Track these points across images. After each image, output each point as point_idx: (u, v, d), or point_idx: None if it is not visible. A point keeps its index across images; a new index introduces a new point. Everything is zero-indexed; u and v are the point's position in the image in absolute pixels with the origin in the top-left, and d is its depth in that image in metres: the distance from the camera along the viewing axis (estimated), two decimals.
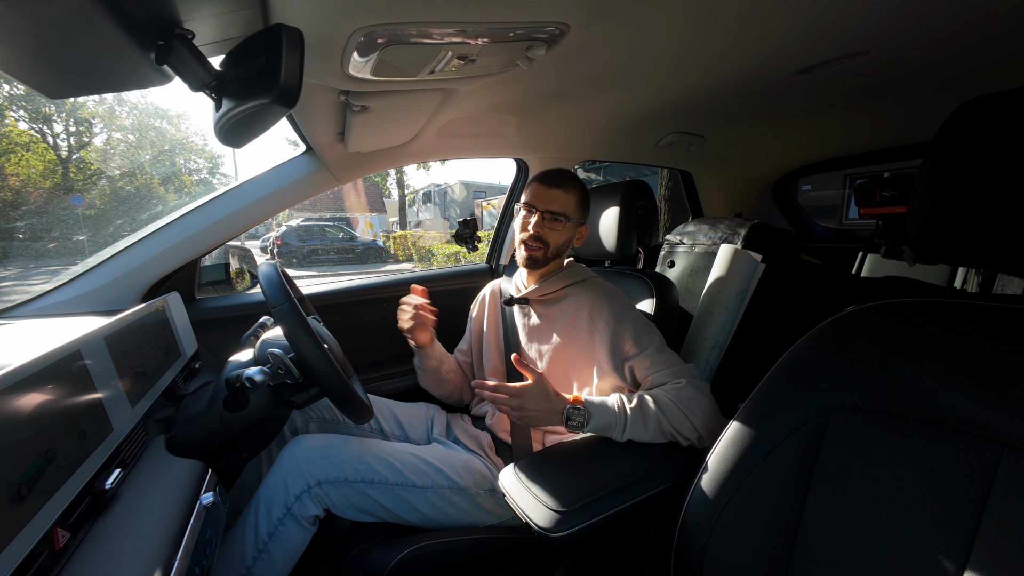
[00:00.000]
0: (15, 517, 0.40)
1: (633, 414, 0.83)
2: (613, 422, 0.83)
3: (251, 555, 0.81)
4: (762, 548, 0.59)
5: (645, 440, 0.83)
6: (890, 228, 1.36)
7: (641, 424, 0.82)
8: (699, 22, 0.73)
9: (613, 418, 0.83)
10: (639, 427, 0.82)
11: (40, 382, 0.47)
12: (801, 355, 0.63)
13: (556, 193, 1.00)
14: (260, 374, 0.72)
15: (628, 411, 0.83)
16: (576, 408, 0.83)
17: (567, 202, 1.00)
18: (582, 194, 1.04)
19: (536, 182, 1.03)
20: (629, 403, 0.84)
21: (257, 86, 0.53)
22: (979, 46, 0.83)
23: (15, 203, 14.30)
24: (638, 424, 0.82)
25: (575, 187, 1.02)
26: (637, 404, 0.84)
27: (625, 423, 0.82)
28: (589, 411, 0.83)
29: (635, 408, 0.83)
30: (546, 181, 1.01)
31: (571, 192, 1.01)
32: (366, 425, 1.12)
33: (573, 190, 1.02)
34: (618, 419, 0.83)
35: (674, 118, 1.33)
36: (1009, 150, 0.47)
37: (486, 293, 1.24)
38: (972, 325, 0.52)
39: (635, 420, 0.82)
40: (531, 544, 0.92)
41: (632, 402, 0.85)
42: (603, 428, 0.83)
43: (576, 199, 1.02)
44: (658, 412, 0.83)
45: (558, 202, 1.00)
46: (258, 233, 18.87)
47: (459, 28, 0.63)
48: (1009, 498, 0.44)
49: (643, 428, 0.82)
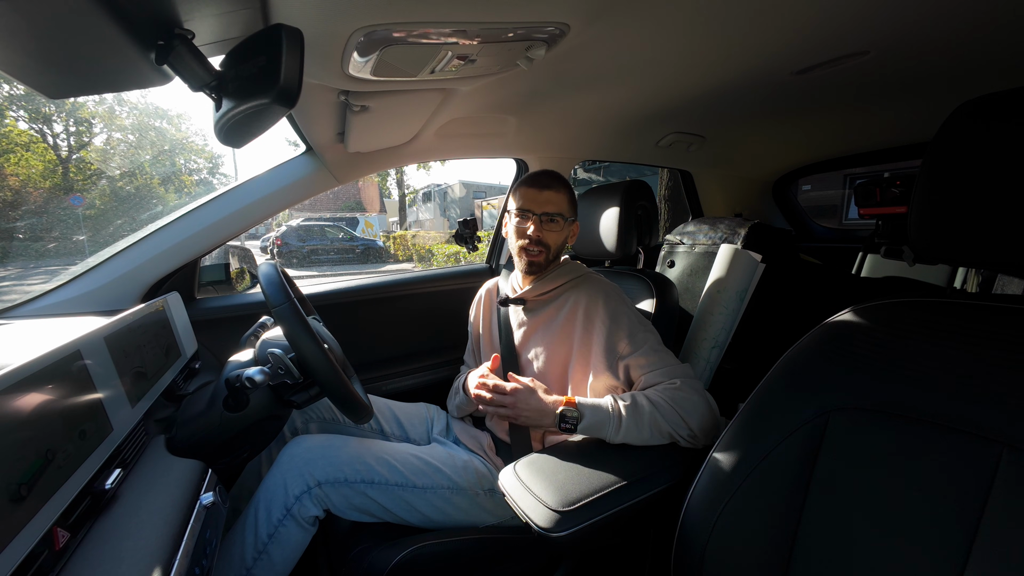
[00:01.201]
0: (15, 517, 0.40)
1: (627, 413, 0.82)
2: (606, 420, 0.82)
3: (251, 556, 0.81)
4: (762, 548, 0.59)
5: (640, 441, 0.82)
6: (890, 228, 1.37)
7: (634, 424, 0.81)
8: (699, 22, 0.73)
9: (606, 417, 0.82)
10: (632, 427, 0.81)
11: (40, 382, 0.47)
12: (801, 355, 0.63)
13: (549, 194, 1.00)
14: (260, 374, 0.72)
15: (622, 410, 0.83)
16: (569, 409, 0.83)
17: (560, 201, 1.01)
18: (571, 192, 1.05)
19: (526, 186, 1.02)
20: (622, 403, 0.84)
21: (257, 86, 0.53)
22: (979, 46, 0.83)
23: (15, 203, 14.30)
24: (631, 424, 0.81)
25: (564, 186, 1.03)
26: (631, 403, 0.83)
27: (620, 423, 0.82)
28: (582, 412, 0.83)
29: (628, 407, 0.83)
30: (537, 183, 1.02)
31: (562, 191, 1.02)
32: (366, 425, 1.11)
33: (563, 189, 1.02)
34: (611, 418, 0.82)
35: (674, 118, 1.33)
36: (1009, 150, 0.47)
37: (482, 293, 1.24)
38: (972, 325, 0.52)
39: (629, 420, 0.82)
40: (531, 544, 0.92)
41: (625, 401, 0.84)
42: (596, 427, 0.83)
43: (567, 197, 1.03)
44: (652, 411, 0.82)
45: (552, 203, 1.00)
46: (258, 233, 18.87)
47: (459, 28, 0.63)
48: (1009, 498, 0.44)
49: (636, 429, 0.81)
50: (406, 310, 1.60)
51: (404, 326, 1.59)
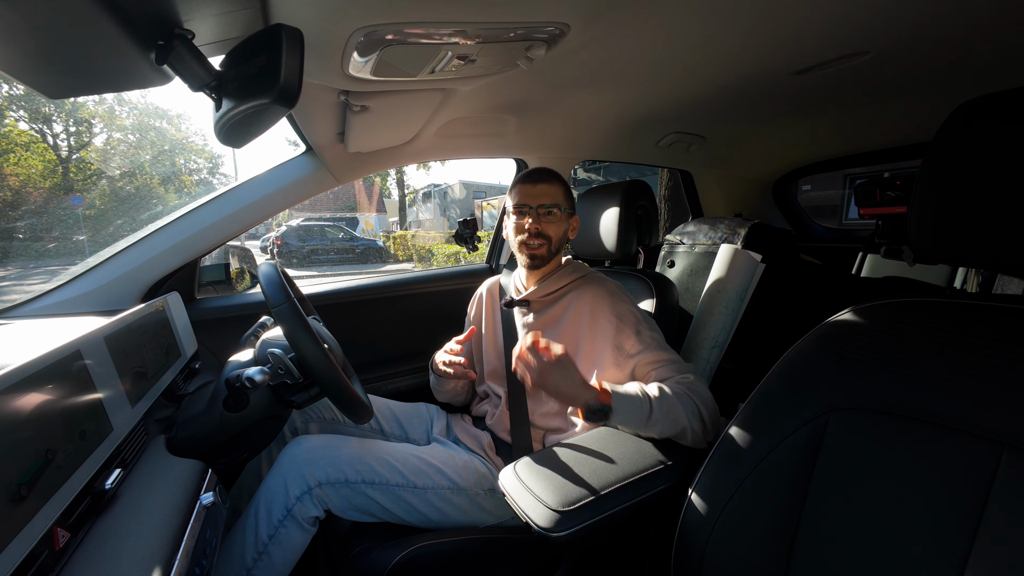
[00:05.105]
0: (15, 517, 0.40)
1: (657, 404, 0.79)
2: (640, 412, 0.78)
3: (251, 556, 0.81)
4: (762, 548, 0.59)
5: (657, 432, 0.79)
6: (890, 228, 1.37)
7: (662, 415, 0.78)
8: (699, 22, 0.73)
9: (638, 408, 0.79)
10: (660, 418, 0.78)
11: (40, 382, 0.47)
12: (801, 355, 0.63)
13: (544, 187, 1.01)
14: (260, 374, 0.72)
15: (652, 400, 0.79)
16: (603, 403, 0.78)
17: (556, 193, 1.02)
18: (566, 185, 1.06)
19: (520, 183, 1.04)
20: (652, 393, 0.80)
21: (257, 86, 0.53)
22: (979, 46, 0.83)
23: (15, 203, 14.30)
24: (660, 415, 0.78)
25: (558, 180, 1.04)
26: (659, 395, 0.80)
27: (650, 412, 0.78)
28: (614, 405, 0.79)
29: (658, 399, 0.80)
30: (530, 179, 1.03)
31: (556, 184, 1.03)
32: (366, 425, 1.11)
33: (557, 183, 1.03)
34: (643, 410, 0.79)
35: (674, 118, 1.34)
36: (1009, 150, 0.47)
37: (482, 292, 1.24)
38: (972, 325, 0.52)
39: (658, 412, 0.78)
40: (531, 544, 0.92)
41: (654, 392, 0.81)
42: (628, 415, 0.79)
43: (562, 190, 1.04)
44: (674, 400, 0.80)
45: (548, 195, 1.01)
46: (258, 233, 18.89)
47: (459, 28, 0.63)
48: (1009, 498, 0.44)
49: (662, 419, 0.78)
50: (406, 310, 1.60)
51: (404, 326, 1.59)
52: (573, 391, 0.78)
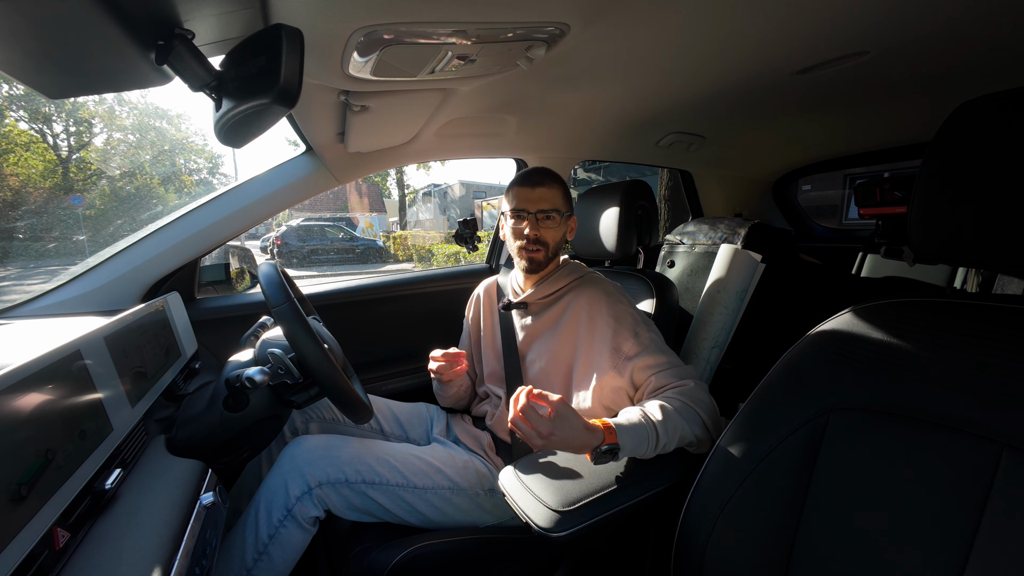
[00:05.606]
0: (15, 517, 0.40)
1: (662, 428, 0.76)
2: (647, 441, 0.75)
3: (251, 557, 0.81)
4: (762, 548, 0.59)
5: (671, 450, 0.77)
6: (890, 228, 1.37)
7: (668, 437, 0.76)
8: (699, 22, 0.73)
9: (646, 439, 0.75)
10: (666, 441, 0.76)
11: (40, 382, 0.47)
12: (801, 355, 0.63)
13: (542, 191, 0.99)
14: (260, 374, 0.72)
15: (656, 425, 0.76)
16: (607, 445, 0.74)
17: (554, 197, 1.00)
18: (564, 186, 1.04)
19: (517, 186, 1.01)
20: (655, 417, 0.78)
21: (257, 86, 0.53)
22: (979, 46, 0.83)
23: (15, 203, 14.30)
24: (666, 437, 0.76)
25: (556, 181, 1.02)
26: (663, 417, 0.77)
27: (656, 439, 0.76)
28: (621, 442, 0.74)
29: (662, 422, 0.77)
30: (528, 182, 1.00)
31: (554, 187, 1.01)
32: (366, 425, 1.11)
33: (556, 185, 1.01)
34: (649, 442, 0.76)
35: (674, 118, 1.33)
36: (1009, 150, 0.47)
37: (479, 293, 1.23)
38: (972, 325, 0.52)
39: (665, 434, 0.76)
40: (531, 544, 0.92)
41: (657, 414, 0.78)
42: (636, 449, 0.75)
43: (560, 192, 1.02)
44: (679, 419, 0.78)
45: (546, 199, 0.99)
46: (258, 233, 18.89)
47: (459, 28, 0.63)
48: (1009, 498, 0.44)
49: (669, 441, 0.76)
50: (406, 310, 1.60)
51: (404, 326, 1.59)
52: (579, 439, 0.73)
